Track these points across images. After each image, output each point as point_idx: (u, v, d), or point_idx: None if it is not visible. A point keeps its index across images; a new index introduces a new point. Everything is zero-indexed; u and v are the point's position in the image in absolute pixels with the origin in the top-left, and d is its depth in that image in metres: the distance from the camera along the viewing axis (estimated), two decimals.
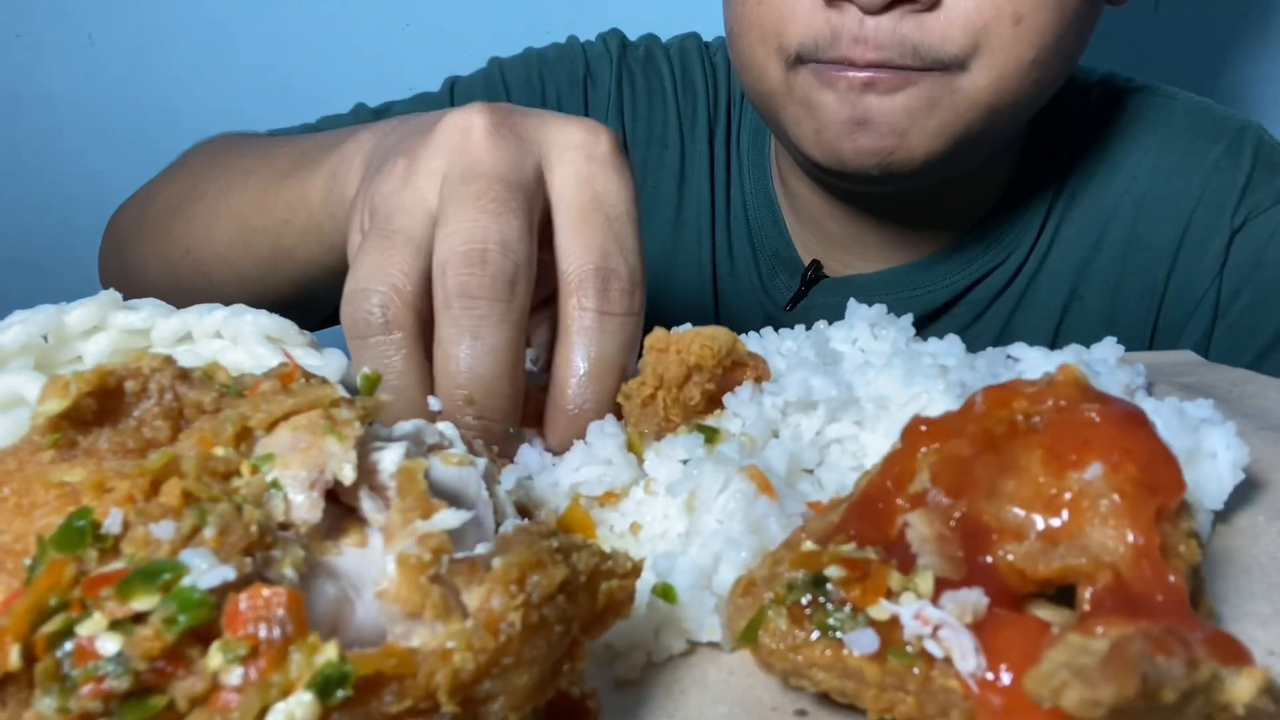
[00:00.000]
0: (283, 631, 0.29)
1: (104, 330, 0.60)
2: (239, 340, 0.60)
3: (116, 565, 0.29)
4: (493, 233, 0.49)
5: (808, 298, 1.02)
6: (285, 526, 0.33)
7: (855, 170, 0.85)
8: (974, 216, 1.00)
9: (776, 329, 0.65)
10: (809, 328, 0.64)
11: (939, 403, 0.52)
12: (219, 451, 0.34)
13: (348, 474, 0.34)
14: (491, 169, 0.52)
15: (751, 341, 0.61)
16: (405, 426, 0.38)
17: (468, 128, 0.53)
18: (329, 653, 0.29)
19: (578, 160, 0.54)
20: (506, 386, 0.50)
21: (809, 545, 0.39)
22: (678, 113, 1.07)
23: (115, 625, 0.28)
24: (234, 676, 0.28)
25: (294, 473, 0.33)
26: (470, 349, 0.49)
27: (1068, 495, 0.37)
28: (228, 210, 0.80)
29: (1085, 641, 0.31)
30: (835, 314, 0.66)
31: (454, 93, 1.09)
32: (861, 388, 0.54)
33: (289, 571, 0.31)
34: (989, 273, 1.00)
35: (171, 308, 0.62)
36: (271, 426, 0.35)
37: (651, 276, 0.53)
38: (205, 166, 0.88)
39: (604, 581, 0.34)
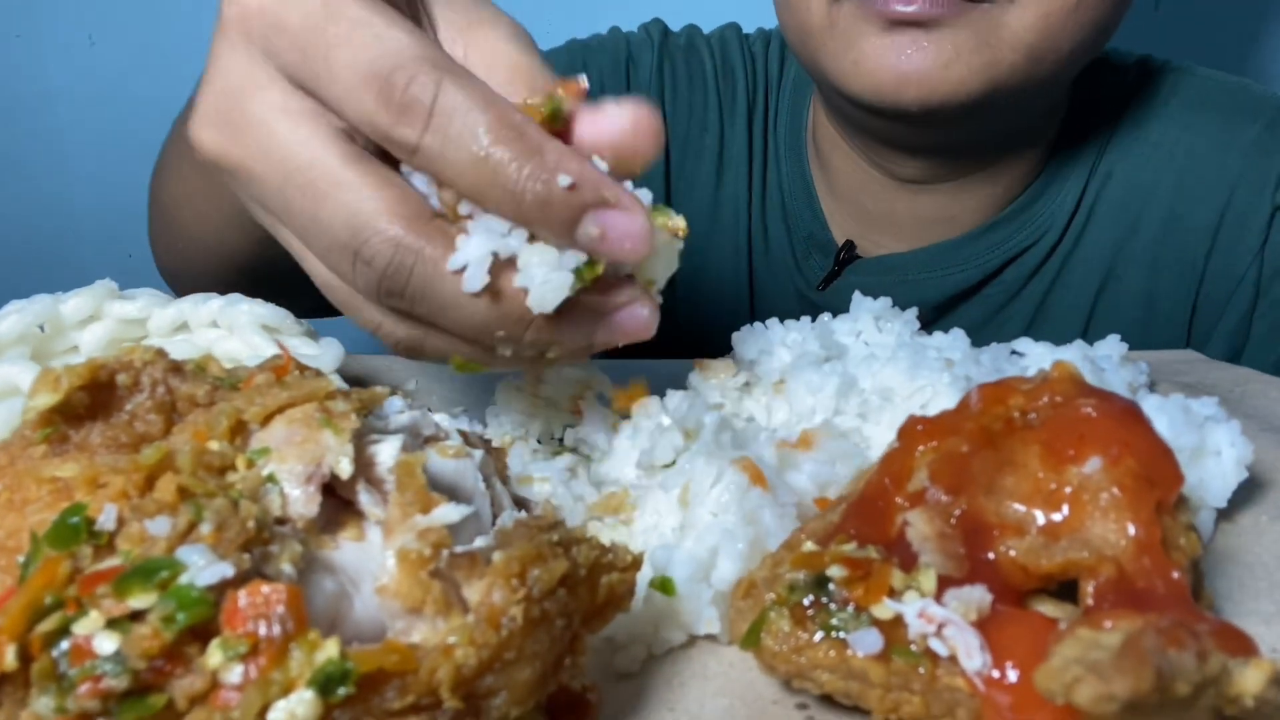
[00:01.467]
0: (283, 628, 0.28)
1: (100, 320, 0.60)
2: (235, 329, 0.59)
3: (112, 562, 0.29)
4: None
5: (840, 277, 1.02)
6: (282, 521, 0.32)
7: (893, 105, 0.84)
8: (1009, 195, 0.99)
9: (810, 309, 0.64)
10: (834, 315, 0.64)
11: (944, 396, 0.52)
12: (214, 446, 0.33)
13: (345, 467, 0.33)
14: None
15: (754, 334, 0.61)
16: (402, 419, 0.38)
17: None
18: (330, 650, 0.28)
19: None
20: None
21: (809, 546, 0.39)
22: (718, 97, 1.08)
23: (112, 623, 0.28)
24: (234, 674, 0.28)
25: (290, 467, 0.33)
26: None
27: (1068, 490, 0.37)
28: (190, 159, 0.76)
29: (1096, 636, 0.31)
30: (868, 294, 0.66)
31: None
32: (866, 380, 0.54)
33: (287, 567, 0.31)
34: (1023, 251, 0.99)
35: (168, 297, 0.62)
36: (266, 420, 0.34)
37: (687, 258, 0.49)
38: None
39: (604, 575, 0.34)
